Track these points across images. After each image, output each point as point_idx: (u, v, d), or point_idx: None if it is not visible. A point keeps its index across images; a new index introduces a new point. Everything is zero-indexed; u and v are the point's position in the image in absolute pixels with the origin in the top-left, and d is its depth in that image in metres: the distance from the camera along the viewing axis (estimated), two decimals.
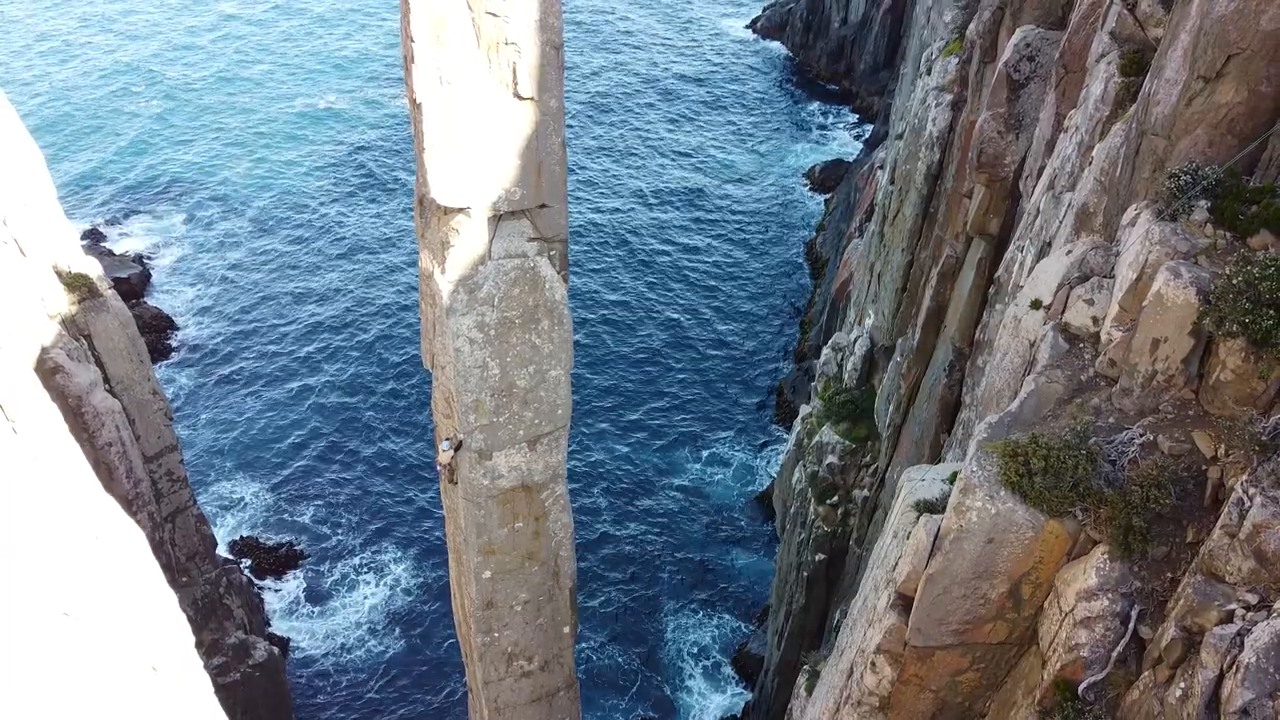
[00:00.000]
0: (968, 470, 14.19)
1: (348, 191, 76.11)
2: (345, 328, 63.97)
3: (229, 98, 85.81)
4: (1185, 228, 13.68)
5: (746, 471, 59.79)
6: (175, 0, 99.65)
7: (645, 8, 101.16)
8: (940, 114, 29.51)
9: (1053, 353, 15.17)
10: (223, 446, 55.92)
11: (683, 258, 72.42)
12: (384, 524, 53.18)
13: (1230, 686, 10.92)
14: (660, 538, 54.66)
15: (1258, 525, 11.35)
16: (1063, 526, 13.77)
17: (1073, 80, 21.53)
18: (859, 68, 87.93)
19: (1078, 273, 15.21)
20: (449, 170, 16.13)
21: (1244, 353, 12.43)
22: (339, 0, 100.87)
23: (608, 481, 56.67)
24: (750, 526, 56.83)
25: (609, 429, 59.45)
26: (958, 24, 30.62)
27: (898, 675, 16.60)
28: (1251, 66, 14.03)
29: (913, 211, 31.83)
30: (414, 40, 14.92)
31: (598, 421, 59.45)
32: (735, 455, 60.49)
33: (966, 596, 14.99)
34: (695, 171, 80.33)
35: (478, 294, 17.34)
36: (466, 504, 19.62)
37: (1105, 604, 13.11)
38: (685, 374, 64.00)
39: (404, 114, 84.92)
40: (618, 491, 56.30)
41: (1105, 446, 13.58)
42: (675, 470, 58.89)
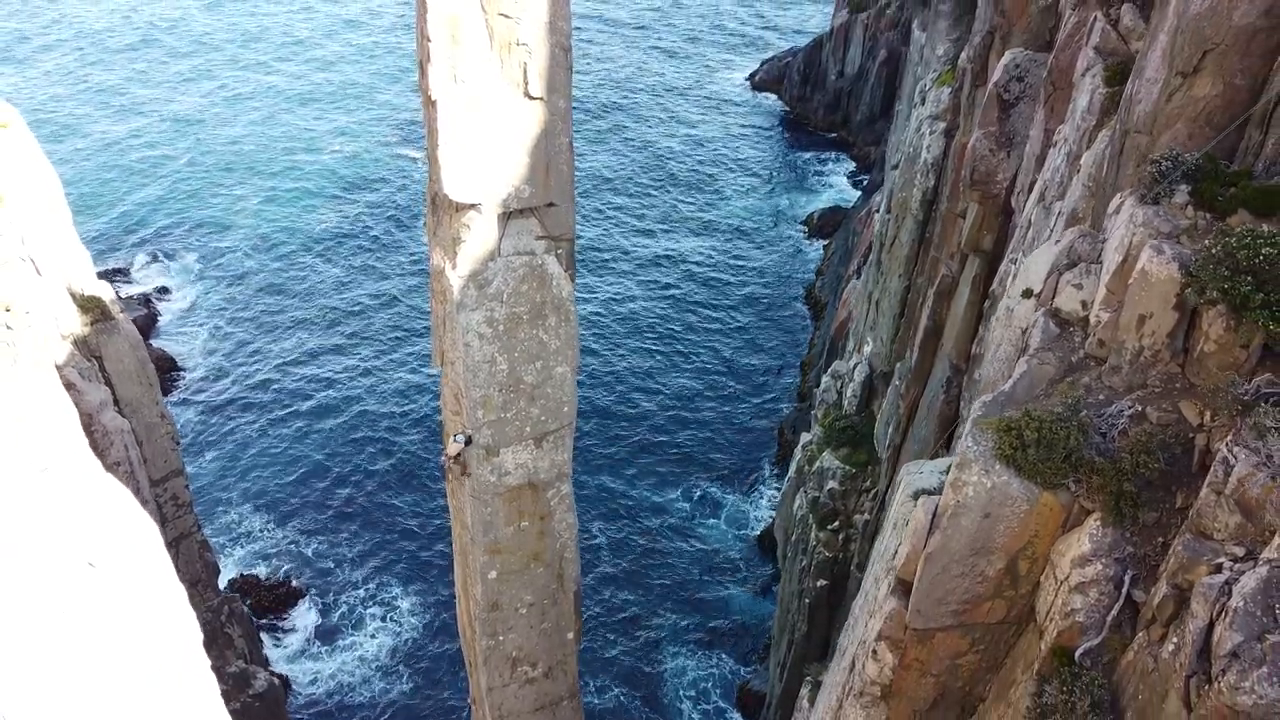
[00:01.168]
0: (963, 445, 14.64)
1: (353, 236, 77.21)
2: (351, 369, 64.53)
3: (234, 144, 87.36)
4: (1167, 210, 14.30)
5: (746, 512, 59.88)
6: (185, 46, 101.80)
7: (641, 62, 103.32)
8: (934, 141, 30.38)
9: (1044, 337, 15.70)
10: (228, 483, 56.16)
11: (682, 303, 73.21)
12: (391, 562, 53.22)
13: (1220, 632, 11.26)
14: (659, 578, 54.59)
15: (1242, 479, 11.77)
16: (1057, 498, 14.17)
17: (1060, 97, 22.35)
18: (855, 118, 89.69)
19: (1066, 260, 15.80)
20: (461, 167, 16.80)
21: (1225, 321, 12.95)
22: (348, 47, 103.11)
23: (606, 521, 56.75)
24: (749, 568, 56.77)
25: (608, 469, 59.68)
26: (950, 56, 31.65)
27: (898, 661, 16.83)
28: (1226, 60, 14.76)
29: (909, 238, 32.57)
30: (430, 40, 15.67)
31: (597, 461, 59.70)
32: (735, 496, 60.63)
33: (965, 574, 15.31)
34: (693, 218, 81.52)
35: (487, 290, 17.91)
36: (473, 502, 19.97)
37: (1099, 569, 13.46)
38: (685, 416, 64.38)
39: (411, 162, 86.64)
40: (616, 531, 56.36)
41: (1096, 419, 14.05)
42: (674, 511, 58.97)
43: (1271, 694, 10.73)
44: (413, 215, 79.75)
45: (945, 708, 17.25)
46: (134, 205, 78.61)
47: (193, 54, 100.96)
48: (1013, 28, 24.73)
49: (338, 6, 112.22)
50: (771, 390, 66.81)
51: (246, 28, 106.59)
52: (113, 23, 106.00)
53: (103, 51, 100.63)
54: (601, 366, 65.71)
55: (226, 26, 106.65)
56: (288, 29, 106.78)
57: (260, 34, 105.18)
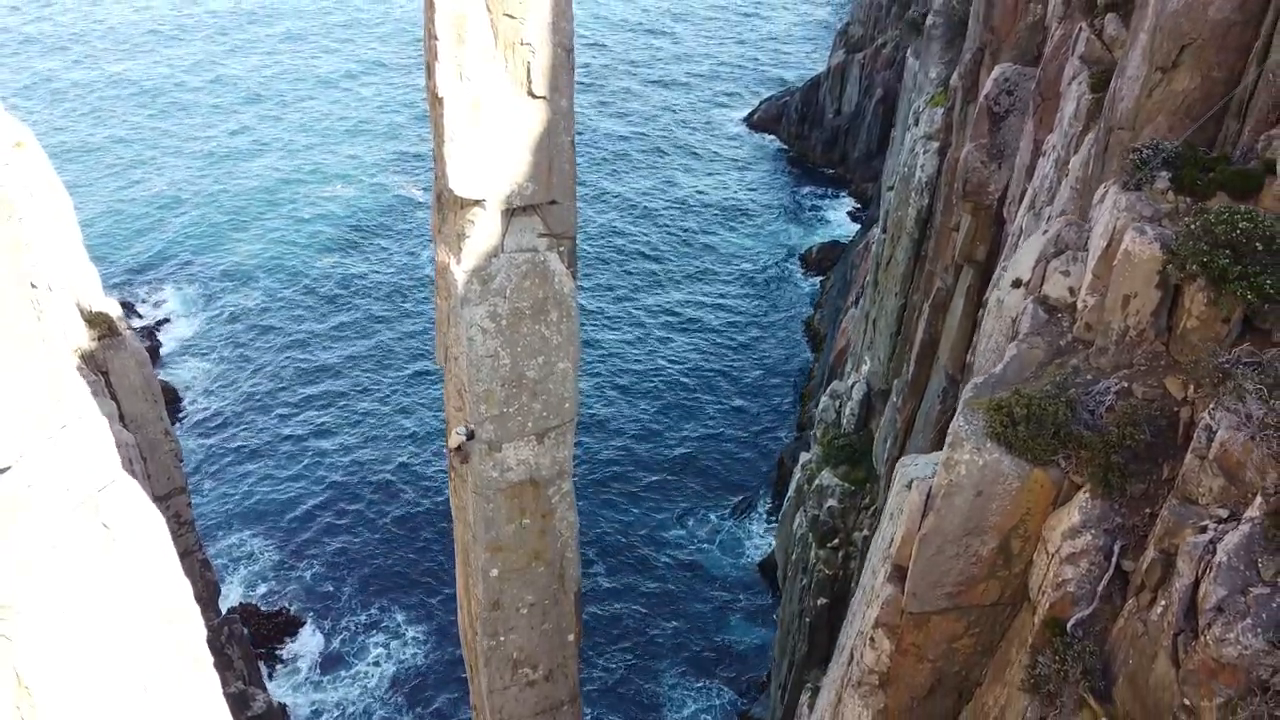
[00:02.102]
0: (955, 425, 14.99)
1: (355, 273, 77.96)
2: (351, 399, 64.91)
3: (239, 180, 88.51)
4: (1149, 196, 14.79)
5: (746, 541, 59.90)
6: (200, 83, 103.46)
7: (641, 102, 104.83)
8: (928, 160, 31.04)
9: (1033, 323, 16.12)
10: (227, 511, 56.30)
11: (680, 334, 73.74)
12: (393, 589, 53.18)
13: (1205, 588, 11.54)
14: (658, 608, 54.47)
15: (1224, 443, 12.12)
16: (1047, 475, 14.49)
17: (1048, 108, 22.98)
18: (853, 155, 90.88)
19: (1054, 248, 16.27)
20: (466, 163, 17.33)
21: (1206, 296, 13.38)
22: (358, 88, 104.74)
23: (605, 552, 56.74)
24: (750, 597, 56.66)
25: (608, 501, 59.80)
26: (942, 78, 32.44)
27: (895, 647, 17.04)
28: (1204, 54, 15.36)
29: (905, 256, 33.12)
30: (437, 38, 16.28)
31: (598, 493, 59.84)
32: (735, 525, 60.67)
33: (959, 555, 15.59)
34: (692, 252, 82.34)
35: (490, 285, 18.36)
36: (475, 498, 20.26)
37: (1089, 539, 13.76)
38: (685, 446, 64.60)
39: (413, 201, 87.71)
40: (614, 563, 56.34)
41: (1083, 397, 14.42)
42: (674, 541, 58.99)
43: (1256, 644, 10.99)
44: (412, 252, 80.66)
45: (942, 694, 17.42)
46: (136, 237, 79.58)
47: (205, 90, 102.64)
48: (1002, 44, 25.46)
49: (349, 51, 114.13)
50: (771, 420, 67.09)
51: (260, 68, 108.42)
52: (133, 59, 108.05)
53: (119, 85, 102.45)
54: (600, 397, 66.02)
55: (242, 66, 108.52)
56: (299, 71, 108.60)
57: (273, 76, 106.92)
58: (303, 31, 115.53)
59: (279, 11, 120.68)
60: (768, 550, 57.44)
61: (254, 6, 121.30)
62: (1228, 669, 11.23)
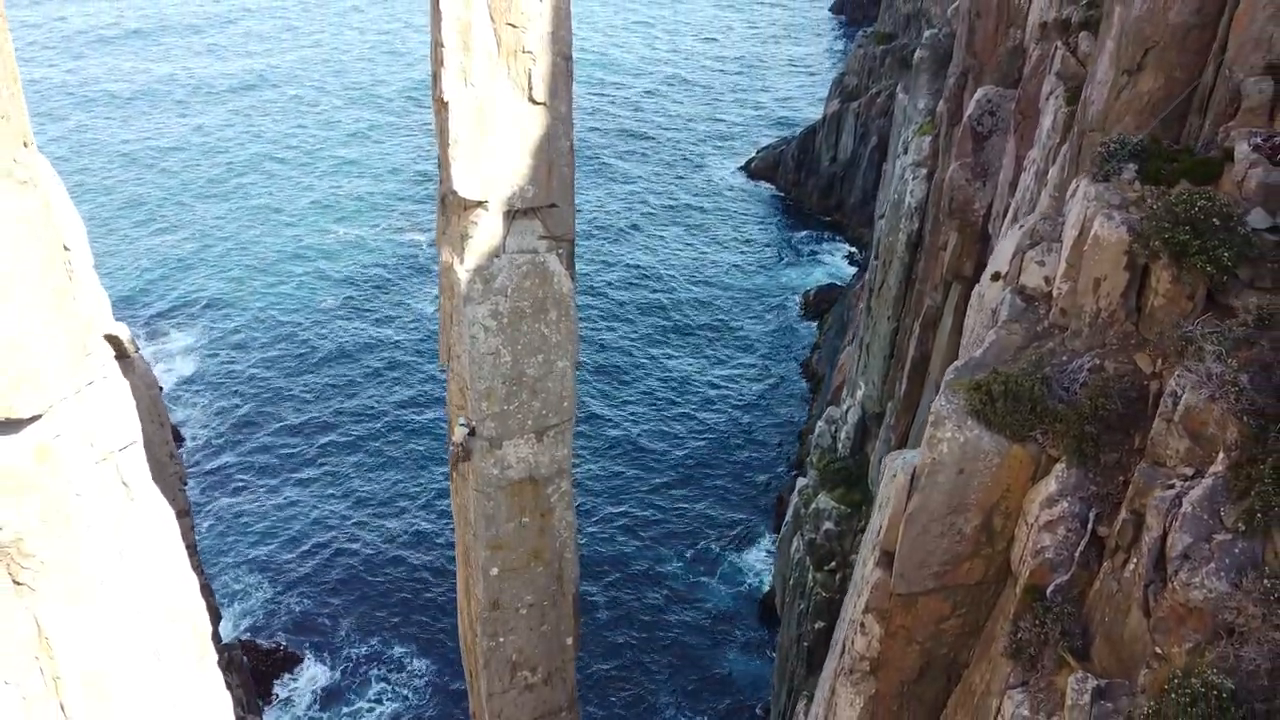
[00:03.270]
0: (936, 404, 15.64)
1: (356, 315, 78.91)
2: (349, 435, 65.40)
3: (241, 221, 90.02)
4: (1117, 186, 15.60)
5: (745, 577, 59.94)
6: (208, 122, 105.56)
7: (641, 151, 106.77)
8: (917, 186, 32.02)
9: (1011, 311, 16.85)
10: (226, 546, 56.54)
11: (681, 375, 74.43)
12: (394, 625, 53.20)
13: (1172, 537, 12.11)
14: (657, 643, 54.39)
15: (1189, 406, 12.77)
16: (1025, 450, 15.12)
17: (1028, 125, 23.95)
18: (849, 201, 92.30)
19: (1029, 240, 17.06)
20: (470, 166, 18.20)
21: (1171, 274, 14.11)
22: (366, 131, 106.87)
23: (604, 586, 56.84)
24: (749, 633, 56.60)
25: (608, 537, 59.99)
26: (930, 108, 33.55)
27: (885, 630, 17.49)
28: (1165, 55, 16.29)
29: (896, 280, 33.95)
30: (444, 46, 17.24)
31: (601, 530, 60.08)
32: (734, 563, 60.78)
33: (944, 534, 16.13)
34: (692, 295, 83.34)
35: (492, 284, 19.13)
36: (477, 496, 20.81)
37: (1065, 507, 14.33)
38: (685, 485, 64.86)
39: (413, 244, 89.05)
40: (613, 595, 56.41)
41: (1058, 375, 15.10)
42: (672, 577, 59.04)
43: (1220, 587, 11.53)
44: (410, 295, 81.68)
45: (931, 678, 17.81)
46: (138, 276, 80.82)
47: (213, 130, 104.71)
48: (984, 68, 26.53)
49: (359, 99, 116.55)
50: (770, 459, 67.47)
51: (267, 110, 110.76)
52: (144, 97, 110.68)
53: (126, 121, 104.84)
54: (601, 436, 66.53)
55: (250, 106, 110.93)
56: (306, 115, 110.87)
57: (279, 120, 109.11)
58: (314, 97, 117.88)
59: (292, 76, 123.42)
60: (766, 585, 57.54)
61: (264, 68, 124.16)
62: (1195, 613, 11.75)
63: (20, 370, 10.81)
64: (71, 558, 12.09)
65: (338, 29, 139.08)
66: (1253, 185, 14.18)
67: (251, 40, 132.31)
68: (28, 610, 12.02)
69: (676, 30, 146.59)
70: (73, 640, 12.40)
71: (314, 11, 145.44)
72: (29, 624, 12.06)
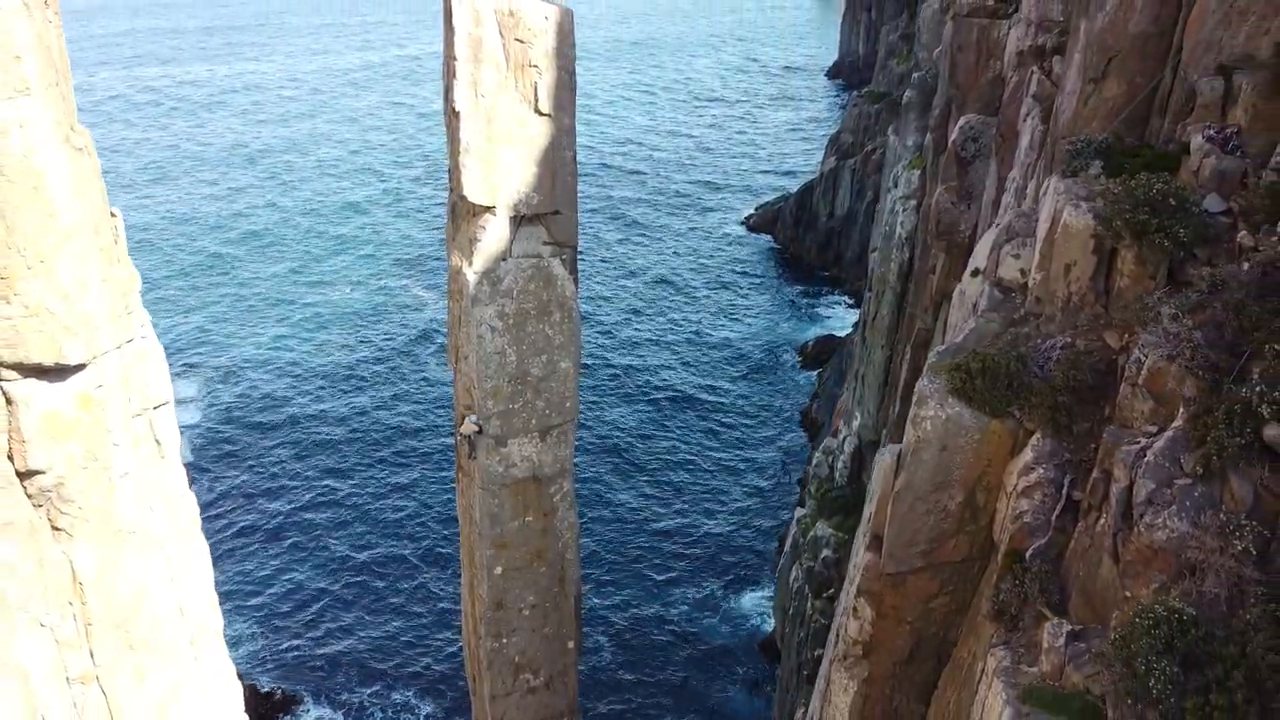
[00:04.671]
0: (920, 385, 16.53)
1: (361, 371, 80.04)
2: (349, 479, 66.02)
3: (247, 270, 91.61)
4: (1084, 180, 16.70)
5: (747, 619, 60.07)
6: (214, 174, 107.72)
7: (644, 206, 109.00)
8: (907, 217, 33.26)
9: (989, 302, 17.84)
10: (223, 590, 56.69)
11: (682, 424, 75.21)
12: (395, 666, 53.26)
13: (1137, 486, 12.91)
14: (660, 682, 54.41)
15: (1150, 368, 13.68)
16: (1004, 426, 15.96)
17: (1008, 148, 25.21)
18: (846, 255, 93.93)
19: (1006, 236, 18.11)
20: (480, 172, 19.36)
21: (1134, 255, 15.12)
22: (373, 190, 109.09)
23: (607, 626, 56.97)
24: (751, 672, 56.64)
25: (608, 580, 60.28)
26: (918, 144, 34.95)
27: (876, 612, 18.13)
28: (1127, 63, 17.53)
29: (889, 310, 35.00)
30: (456, 59, 18.52)
31: (604, 574, 60.42)
32: (735, 603, 60.93)
33: (929, 511, 16.90)
34: (693, 346, 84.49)
35: (499, 286, 20.16)
36: (481, 494, 21.59)
37: (1041, 473, 15.13)
38: (687, 532, 65.26)
39: (414, 304, 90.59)
40: (618, 636, 56.51)
41: (1033, 354, 16.01)
42: (676, 619, 59.16)
43: (1181, 527, 12.30)
44: (410, 347, 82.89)
45: (921, 658, 18.39)
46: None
47: (218, 183, 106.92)
48: (967, 98, 27.90)
49: (370, 155, 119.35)
50: (770, 504, 67.90)
51: (281, 165, 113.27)
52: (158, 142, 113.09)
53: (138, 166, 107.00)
54: (604, 481, 67.12)
55: (265, 162, 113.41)
56: (315, 171, 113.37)
57: (289, 179, 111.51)
58: (336, 159, 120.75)
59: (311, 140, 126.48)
60: (768, 627, 57.65)
61: (299, 135, 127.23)
62: (1160, 554, 12.49)
63: (72, 319, 11.77)
64: (106, 505, 12.92)
65: (357, 105, 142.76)
66: (1207, 173, 15.27)
67: (277, 107, 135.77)
68: (64, 555, 12.82)
69: (678, 93, 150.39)
70: (104, 588, 13.16)
71: (333, 87, 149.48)
72: (65, 568, 12.84)
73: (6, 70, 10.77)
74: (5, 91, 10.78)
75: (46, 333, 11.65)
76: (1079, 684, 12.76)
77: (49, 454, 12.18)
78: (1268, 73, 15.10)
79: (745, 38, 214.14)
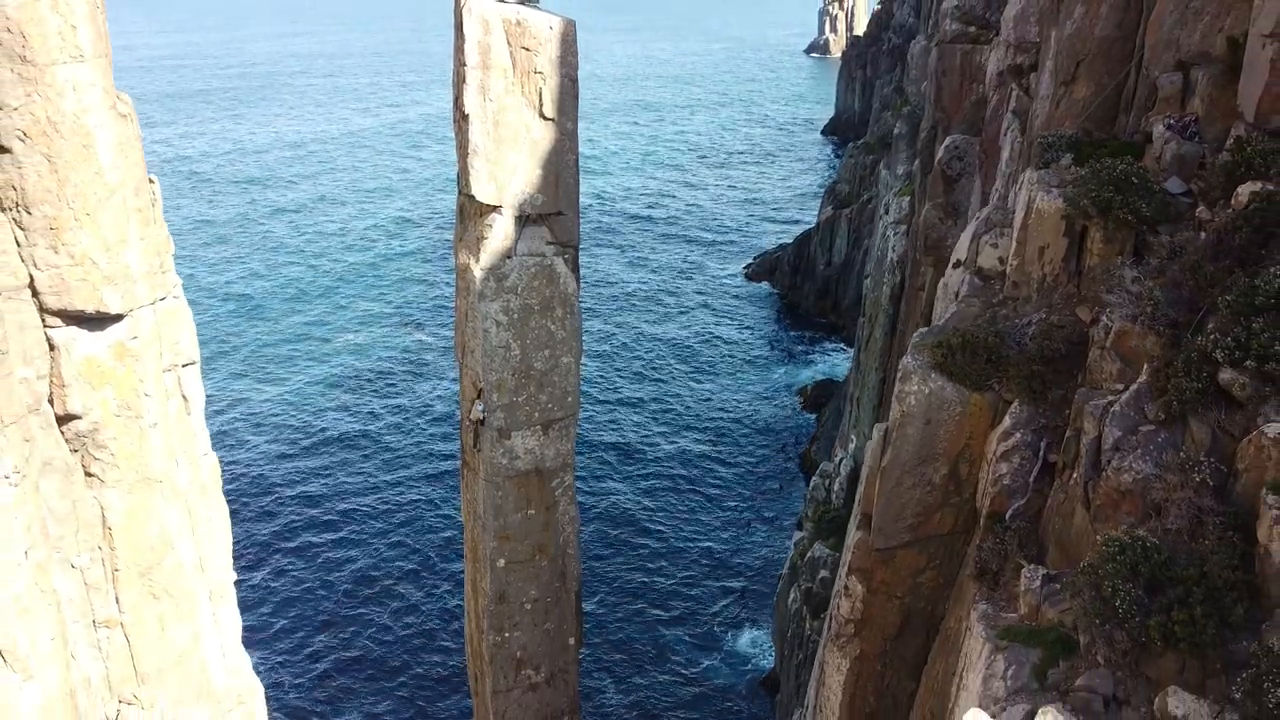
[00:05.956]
0: (904, 361, 17.42)
1: (365, 410, 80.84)
2: (354, 520, 66.42)
3: (250, 325, 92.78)
4: (1055, 171, 17.78)
5: (748, 659, 60.09)
6: (217, 230, 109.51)
7: (644, 256, 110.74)
8: (898, 242, 34.41)
9: (970, 289, 18.81)
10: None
11: (681, 468, 75.78)
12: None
13: (1104, 434, 13.74)
14: (659, 714, 54.35)
15: (1117, 330, 14.59)
16: (984, 398, 16.83)
17: (991, 163, 26.42)
18: (844, 303, 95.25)
19: (984, 227, 19.14)
20: (487, 172, 20.49)
21: (1102, 234, 16.12)
22: (380, 239, 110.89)
23: (609, 664, 57.00)
24: (751, 710, 56.54)
25: (608, 620, 60.44)
26: (908, 173, 36.25)
27: (867, 588, 18.80)
28: (1094, 65, 18.73)
29: (882, 332, 35.99)
30: (465, 65, 19.75)
31: (608, 614, 60.57)
32: (736, 644, 60.99)
33: (916, 485, 17.68)
34: (690, 393, 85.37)
35: (504, 283, 21.18)
36: (486, 486, 22.36)
37: (1019, 438, 15.96)
38: (686, 573, 65.54)
39: (416, 347, 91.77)
40: (619, 674, 56.54)
41: (1010, 330, 16.93)
42: (678, 658, 59.22)
43: (1146, 469, 13.10)
44: (416, 391, 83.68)
45: (912, 633, 19.00)
46: None
47: (222, 238, 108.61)
48: (952, 120, 29.19)
49: (377, 202, 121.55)
50: (770, 548, 68.21)
51: (281, 218, 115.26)
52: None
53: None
54: (602, 520, 67.51)
55: (264, 216, 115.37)
56: (320, 223, 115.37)
57: (292, 228, 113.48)
58: (338, 194, 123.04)
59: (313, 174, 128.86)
60: (768, 665, 57.67)
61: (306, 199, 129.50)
62: (1127, 496, 13.27)
63: (113, 269, 12.73)
64: (137, 453, 13.75)
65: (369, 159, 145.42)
66: (1168, 158, 16.34)
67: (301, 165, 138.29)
68: (96, 500, 13.63)
69: (679, 148, 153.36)
70: (131, 534, 13.94)
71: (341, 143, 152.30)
72: (96, 512, 13.64)
73: (65, 38, 11.88)
74: (63, 56, 11.88)
75: (89, 282, 12.60)
76: (1054, 619, 13.45)
77: (86, 399, 13.05)
78: (1221, 65, 16.24)
79: (744, 97, 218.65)
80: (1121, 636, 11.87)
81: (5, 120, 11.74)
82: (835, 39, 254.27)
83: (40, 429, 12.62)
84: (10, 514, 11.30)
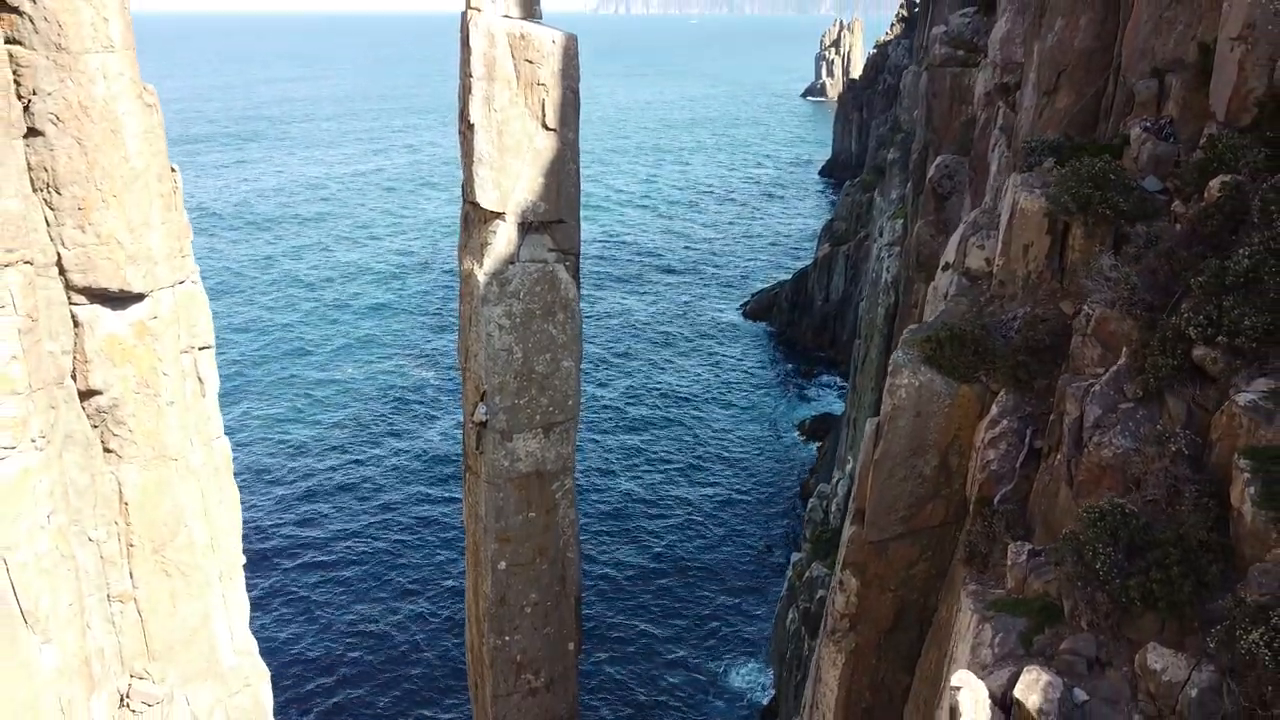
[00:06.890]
0: (894, 356, 18.00)
1: (368, 444, 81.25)
2: (358, 547, 66.53)
3: (255, 361, 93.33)
4: (1038, 173, 18.49)
5: (747, 692, 59.92)
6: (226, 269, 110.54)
7: (645, 294, 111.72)
8: (893, 263, 35.12)
9: (958, 289, 19.42)
10: None
11: (681, 500, 76.02)
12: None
13: (1085, 413, 14.27)
14: None
15: (1098, 317, 15.18)
16: (972, 390, 17.38)
17: (980, 179, 27.17)
18: (842, 338, 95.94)
19: (972, 230, 19.81)
20: (491, 180, 21.21)
21: (1083, 230, 16.77)
22: (385, 280, 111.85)
23: (609, 697, 56.87)
24: None
25: (613, 659, 60.44)
26: (900, 197, 37.07)
27: (861, 581, 19.20)
28: (1075, 75, 19.53)
29: (878, 353, 36.58)
30: (471, 76, 20.55)
31: (607, 649, 60.57)
32: (736, 675, 60.85)
33: (907, 477, 18.16)
34: (689, 428, 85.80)
35: (507, 288, 21.81)
36: (488, 488, 22.82)
37: (1006, 425, 16.48)
38: (686, 605, 65.58)
39: (419, 381, 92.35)
40: (615, 700, 56.38)
41: (996, 324, 17.53)
42: (677, 690, 59.09)
43: (1126, 444, 13.62)
44: (417, 422, 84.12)
45: (905, 626, 19.36)
46: None
47: (232, 286, 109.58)
48: (942, 140, 30.04)
49: (383, 239, 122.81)
50: (769, 578, 68.24)
51: (288, 268, 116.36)
52: None
53: None
54: (601, 556, 67.64)
55: (272, 261, 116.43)
56: (330, 266, 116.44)
57: (298, 270, 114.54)
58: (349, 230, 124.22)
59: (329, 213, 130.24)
60: (768, 698, 57.51)
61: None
62: (1108, 471, 13.77)
63: (136, 250, 13.34)
64: (154, 431, 14.27)
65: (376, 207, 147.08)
66: (1145, 158, 17.06)
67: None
68: (113, 475, 14.13)
69: (679, 188, 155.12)
70: (146, 510, 14.41)
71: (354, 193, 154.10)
72: (114, 487, 14.14)
73: (97, 29, 12.62)
74: (95, 46, 12.60)
75: (114, 261, 13.22)
76: (1039, 590, 13.88)
77: (107, 375, 13.60)
78: (1194, 70, 17.01)
79: (743, 140, 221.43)
80: (1103, 598, 12.30)
81: (40, 104, 12.44)
82: (832, 83, 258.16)
83: (64, 401, 13.16)
84: (36, 476, 11.81)
